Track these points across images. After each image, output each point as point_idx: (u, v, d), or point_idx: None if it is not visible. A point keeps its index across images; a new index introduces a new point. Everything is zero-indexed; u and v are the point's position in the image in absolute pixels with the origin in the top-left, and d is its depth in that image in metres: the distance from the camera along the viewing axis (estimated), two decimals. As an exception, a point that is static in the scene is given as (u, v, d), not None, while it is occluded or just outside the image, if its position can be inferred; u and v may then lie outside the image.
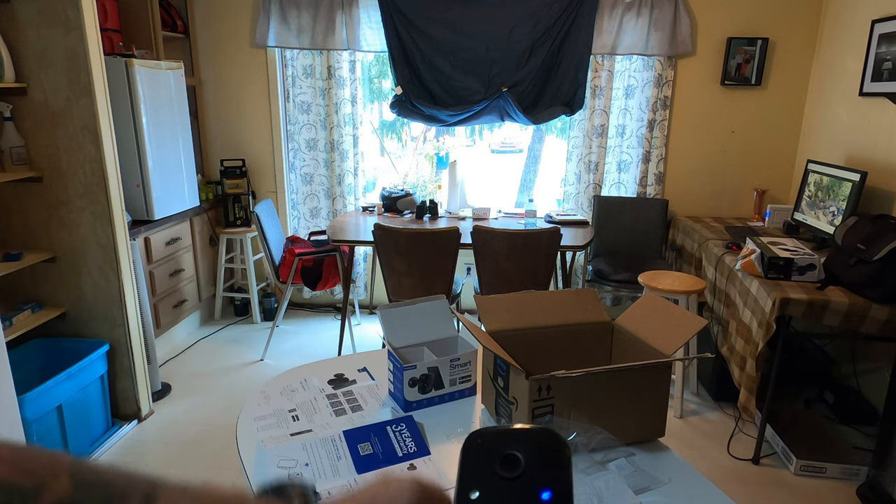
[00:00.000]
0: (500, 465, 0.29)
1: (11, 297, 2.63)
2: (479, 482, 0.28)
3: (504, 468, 0.29)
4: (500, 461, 0.29)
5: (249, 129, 3.99)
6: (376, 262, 4.01)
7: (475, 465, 0.29)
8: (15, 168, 2.44)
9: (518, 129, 5.42)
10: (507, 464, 0.29)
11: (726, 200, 3.87)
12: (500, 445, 0.29)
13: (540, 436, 0.30)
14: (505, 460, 0.29)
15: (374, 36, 3.72)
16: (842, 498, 2.34)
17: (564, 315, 1.42)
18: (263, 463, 1.17)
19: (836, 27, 3.36)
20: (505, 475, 0.28)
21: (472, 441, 0.30)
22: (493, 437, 0.30)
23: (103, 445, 2.58)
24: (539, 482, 0.28)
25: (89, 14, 2.36)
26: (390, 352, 1.40)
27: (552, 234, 2.89)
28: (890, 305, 2.22)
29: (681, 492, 1.10)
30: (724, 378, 2.95)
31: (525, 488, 0.28)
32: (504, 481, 0.28)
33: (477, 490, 0.28)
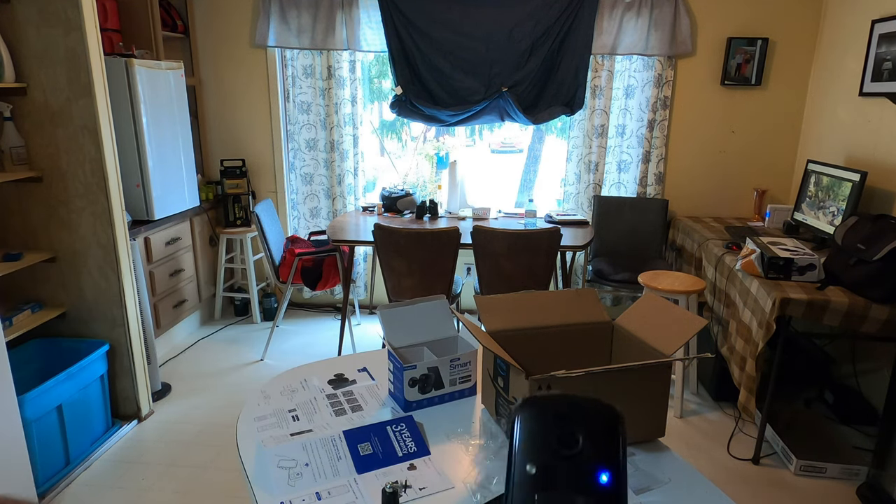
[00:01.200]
0: (557, 440, 0.26)
1: (11, 297, 2.63)
2: (537, 455, 0.26)
3: (563, 444, 0.26)
4: (558, 437, 0.25)
5: (249, 129, 3.99)
6: (376, 262, 4.02)
7: (533, 435, 0.27)
8: (15, 168, 2.44)
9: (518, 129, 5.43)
10: (566, 440, 0.26)
11: (726, 200, 3.87)
12: (557, 417, 0.26)
13: (597, 409, 0.26)
14: (564, 434, 0.26)
15: (374, 36, 3.72)
16: (842, 498, 2.34)
17: (564, 315, 1.42)
18: (263, 463, 1.17)
19: (836, 27, 3.36)
20: (564, 452, 0.26)
21: (528, 405, 0.27)
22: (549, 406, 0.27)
23: (103, 445, 2.58)
24: (597, 463, 0.26)
25: (89, 14, 2.36)
26: (390, 352, 1.40)
27: (552, 234, 2.89)
28: (890, 305, 2.22)
29: (681, 492, 1.10)
30: (724, 378, 2.95)
31: (583, 467, 0.26)
32: (561, 458, 0.26)
33: (534, 465, 0.25)
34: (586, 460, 0.26)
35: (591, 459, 0.26)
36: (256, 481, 1.12)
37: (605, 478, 0.26)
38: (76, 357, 2.46)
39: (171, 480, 2.38)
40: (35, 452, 2.22)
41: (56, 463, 2.35)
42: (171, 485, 2.36)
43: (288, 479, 1.13)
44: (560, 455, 0.26)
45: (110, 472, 2.43)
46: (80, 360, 2.42)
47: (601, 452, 0.26)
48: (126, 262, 2.62)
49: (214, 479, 2.40)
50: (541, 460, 0.26)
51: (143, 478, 2.40)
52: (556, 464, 0.26)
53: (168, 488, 2.33)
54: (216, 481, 2.38)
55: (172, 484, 2.36)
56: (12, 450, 1.98)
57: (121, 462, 2.50)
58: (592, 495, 0.25)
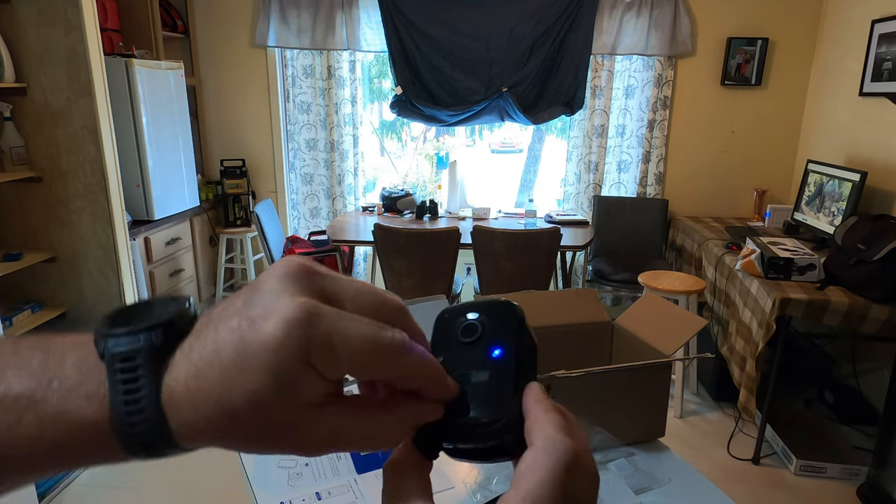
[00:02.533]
0: (461, 333, 0.33)
1: (11, 297, 2.63)
2: (444, 350, 0.32)
3: (464, 335, 0.33)
4: (462, 330, 0.33)
5: (249, 129, 3.99)
6: (376, 262, 4.01)
7: (442, 336, 0.33)
8: (15, 168, 2.44)
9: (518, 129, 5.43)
10: (467, 332, 0.33)
11: (726, 200, 3.87)
12: (462, 317, 0.33)
13: (495, 305, 0.33)
14: (465, 329, 0.33)
15: (374, 36, 3.72)
16: (842, 498, 2.34)
17: (564, 315, 1.42)
18: (263, 463, 1.17)
19: (836, 27, 3.36)
20: (465, 340, 0.32)
21: (440, 317, 0.34)
22: (457, 310, 0.34)
23: (103, 445, 2.57)
24: (491, 342, 0.32)
25: (89, 14, 2.36)
26: (390, 352, 1.40)
27: (552, 234, 2.89)
28: (890, 305, 2.22)
29: (681, 492, 1.10)
30: (724, 378, 2.95)
31: (479, 349, 0.32)
32: (464, 346, 0.32)
33: (442, 356, 0.32)
34: (483, 343, 0.31)
35: (487, 341, 0.31)
36: (256, 481, 1.12)
37: (497, 352, 0.31)
38: (76, 357, 2.45)
39: (170, 480, 2.38)
40: (35, 452, 2.22)
41: (56, 463, 2.35)
42: (170, 485, 2.36)
43: (288, 479, 1.13)
44: (462, 343, 0.32)
45: (110, 472, 2.43)
46: (80, 360, 2.42)
47: (496, 335, 0.31)
48: (126, 262, 2.62)
49: (214, 479, 2.40)
50: (447, 350, 0.32)
51: (143, 478, 2.40)
52: (459, 351, 0.31)
53: (168, 488, 2.33)
54: (216, 481, 2.38)
55: (172, 484, 2.36)
56: (12, 450, 1.98)
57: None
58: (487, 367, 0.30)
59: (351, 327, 0.27)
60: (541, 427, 0.29)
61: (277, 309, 0.26)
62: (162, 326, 0.26)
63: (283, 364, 0.25)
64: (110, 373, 0.26)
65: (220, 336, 0.26)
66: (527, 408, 0.30)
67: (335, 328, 0.26)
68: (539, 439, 0.28)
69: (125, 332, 0.26)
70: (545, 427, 0.28)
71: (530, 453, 0.28)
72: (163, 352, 0.26)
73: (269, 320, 0.25)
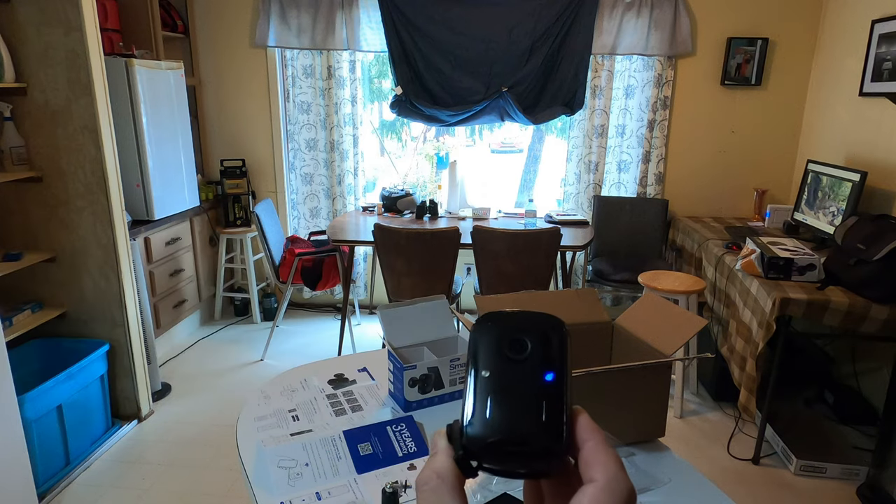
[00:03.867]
0: (508, 348, 0.31)
1: (11, 297, 2.63)
2: (489, 363, 0.31)
3: (512, 351, 0.31)
4: (509, 344, 0.31)
5: (249, 129, 3.99)
6: (376, 262, 4.01)
7: (486, 346, 0.32)
8: (15, 168, 2.44)
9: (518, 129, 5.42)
10: (514, 347, 0.31)
11: (726, 200, 3.87)
12: (508, 328, 0.32)
13: (544, 322, 0.32)
14: (513, 344, 0.31)
15: (374, 36, 3.72)
16: (842, 498, 2.34)
17: (564, 315, 1.42)
18: (263, 463, 1.17)
19: (836, 27, 3.36)
20: (513, 356, 0.31)
21: (482, 323, 0.32)
22: (501, 319, 0.32)
23: (103, 445, 2.58)
24: (542, 364, 0.31)
25: (89, 14, 2.36)
26: (390, 352, 1.40)
27: (552, 234, 2.89)
28: (890, 305, 2.22)
29: (681, 492, 1.10)
30: (724, 378, 2.95)
31: (530, 370, 0.31)
32: (512, 362, 0.31)
33: (487, 369, 0.31)
34: (533, 363, 0.30)
35: (538, 362, 0.30)
36: (256, 481, 1.12)
37: (549, 377, 0.30)
38: (76, 357, 2.45)
39: (171, 480, 2.38)
40: (35, 452, 2.22)
41: (56, 463, 2.35)
42: (171, 485, 2.36)
43: (288, 479, 1.13)
44: (511, 360, 0.30)
45: (110, 472, 2.43)
46: (80, 361, 2.42)
47: (547, 356, 0.30)
48: (126, 262, 2.62)
49: (214, 479, 2.40)
50: (494, 366, 0.30)
51: (143, 478, 2.40)
52: (507, 367, 0.30)
53: (168, 488, 2.33)
54: (216, 481, 2.38)
55: (172, 484, 2.36)
56: (12, 450, 1.98)
57: (121, 462, 2.50)
58: (539, 391, 0.29)
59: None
60: (602, 462, 0.29)
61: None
62: None
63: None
64: None
65: None
66: (581, 437, 0.30)
67: None
68: (601, 475, 0.29)
69: None
70: (607, 463, 0.29)
71: (593, 489, 0.28)
72: None
73: None
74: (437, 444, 0.32)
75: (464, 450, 0.30)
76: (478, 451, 0.30)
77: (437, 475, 0.30)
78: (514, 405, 0.29)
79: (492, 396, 0.30)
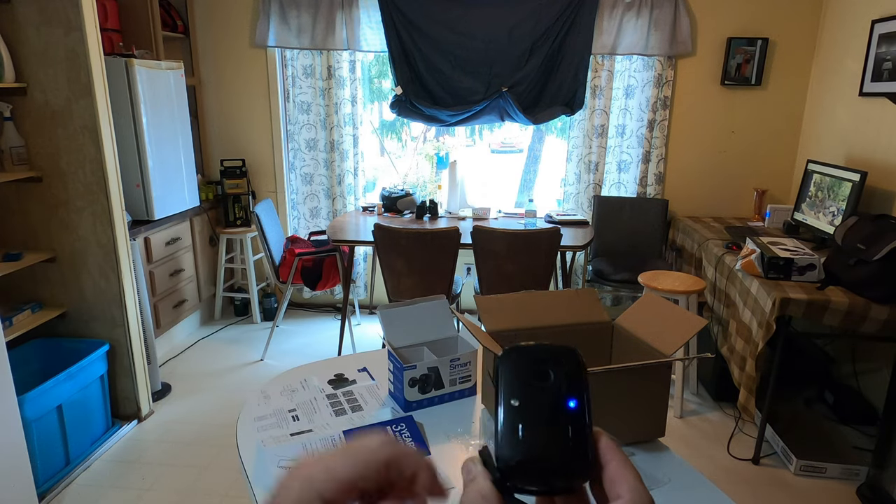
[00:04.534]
0: (533, 377, 0.34)
1: (11, 297, 2.63)
2: (517, 392, 0.34)
3: (537, 379, 0.34)
4: (533, 374, 0.34)
5: (249, 129, 3.99)
6: (376, 262, 4.01)
7: (512, 376, 0.34)
8: (15, 168, 2.44)
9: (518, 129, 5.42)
10: (539, 376, 0.34)
11: (726, 200, 3.87)
12: (530, 359, 0.35)
13: (563, 352, 0.35)
14: (538, 374, 0.34)
15: (374, 36, 3.72)
16: (842, 498, 2.34)
17: (564, 315, 1.42)
18: (263, 463, 1.17)
19: (836, 27, 3.36)
20: (537, 385, 0.34)
21: (507, 355, 0.35)
22: (523, 351, 0.36)
23: (103, 445, 2.58)
24: (566, 392, 0.34)
25: (89, 14, 2.36)
26: (390, 352, 1.40)
27: (552, 234, 2.89)
28: (890, 305, 2.22)
29: (681, 492, 1.10)
30: (724, 378, 2.95)
31: (554, 396, 0.34)
32: (537, 390, 0.34)
33: (516, 398, 0.34)
34: (557, 391, 0.34)
35: (561, 390, 0.34)
36: (256, 481, 1.12)
37: (572, 404, 0.34)
38: (76, 357, 2.45)
39: (171, 480, 2.38)
40: (35, 452, 2.22)
41: (56, 463, 2.35)
42: (171, 485, 2.36)
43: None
44: (537, 388, 0.34)
45: (110, 472, 2.43)
46: (80, 360, 2.42)
47: (569, 384, 0.34)
48: (126, 262, 2.62)
49: (214, 479, 2.40)
50: (522, 394, 0.34)
51: (143, 478, 2.40)
52: (533, 395, 0.34)
53: (168, 488, 2.33)
54: (216, 481, 2.38)
55: (172, 484, 2.36)
56: (12, 450, 1.98)
57: (121, 462, 2.50)
58: (565, 418, 0.33)
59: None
60: (626, 480, 0.32)
61: None
62: None
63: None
64: None
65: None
66: (605, 457, 0.33)
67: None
68: (626, 492, 0.32)
69: None
70: (630, 480, 0.32)
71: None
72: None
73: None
74: (472, 470, 0.35)
75: (500, 472, 0.33)
76: (513, 473, 0.33)
77: (481, 496, 0.33)
78: (544, 430, 0.32)
79: (522, 423, 0.33)
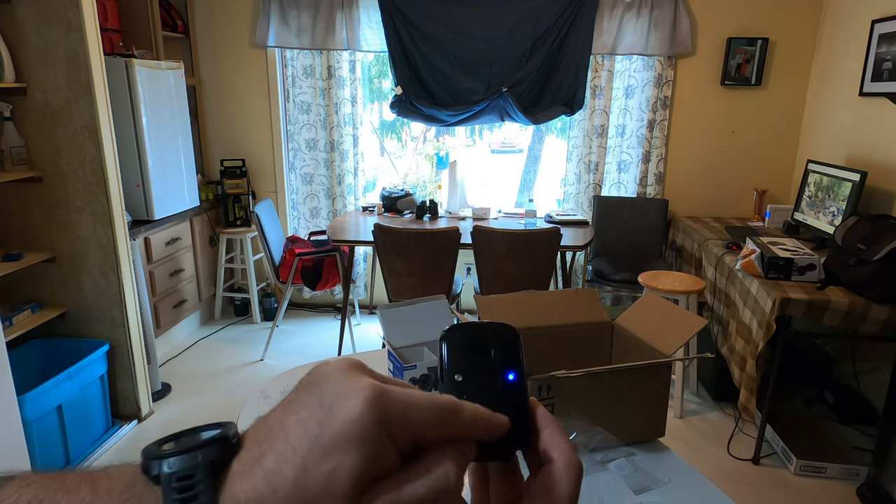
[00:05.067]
0: (474, 354, 0.36)
1: (11, 297, 2.63)
2: (462, 369, 0.36)
3: (478, 356, 0.36)
4: (475, 351, 0.36)
5: (249, 129, 3.99)
6: (376, 262, 4.01)
7: (456, 354, 0.36)
8: (15, 168, 2.44)
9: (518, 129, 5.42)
10: (480, 353, 0.36)
11: (726, 200, 3.87)
12: (471, 337, 0.37)
13: (501, 329, 0.38)
14: (478, 350, 0.36)
15: (374, 36, 3.72)
16: (842, 498, 2.34)
17: (564, 315, 1.42)
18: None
19: (836, 27, 3.36)
20: (479, 361, 0.36)
21: (450, 334, 0.37)
22: (465, 329, 0.38)
23: (103, 445, 2.58)
24: (504, 366, 0.36)
25: (89, 14, 2.36)
26: (390, 352, 1.40)
27: (552, 234, 2.89)
28: (890, 305, 2.22)
29: (681, 492, 1.10)
30: (724, 378, 2.95)
31: (495, 371, 0.36)
32: (479, 367, 0.36)
33: (461, 374, 0.35)
34: (497, 366, 0.36)
35: (501, 364, 0.36)
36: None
37: (511, 377, 0.36)
38: (76, 357, 2.45)
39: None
40: (35, 452, 2.22)
41: (56, 463, 2.35)
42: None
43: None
44: (478, 363, 0.36)
45: (110, 472, 2.43)
46: (80, 360, 2.42)
47: (507, 358, 0.36)
48: (126, 262, 2.62)
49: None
50: (465, 370, 0.36)
51: (143, 478, 2.40)
52: (476, 371, 0.36)
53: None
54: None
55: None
56: (12, 450, 1.98)
57: (121, 462, 2.49)
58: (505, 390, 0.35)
59: (415, 396, 0.30)
60: (557, 444, 0.34)
61: (352, 390, 0.28)
62: (217, 442, 0.28)
63: (368, 435, 0.27)
64: (167, 493, 0.26)
65: (290, 432, 0.27)
66: (540, 424, 0.35)
67: (404, 399, 0.29)
68: (559, 455, 0.34)
69: (180, 451, 0.27)
70: (561, 444, 0.34)
71: (555, 468, 0.33)
72: (219, 466, 0.27)
73: (348, 400, 0.27)
74: None
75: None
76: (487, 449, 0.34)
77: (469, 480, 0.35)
78: (486, 402, 0.34)
79: (466, 395, 0.34)
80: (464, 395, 0.34)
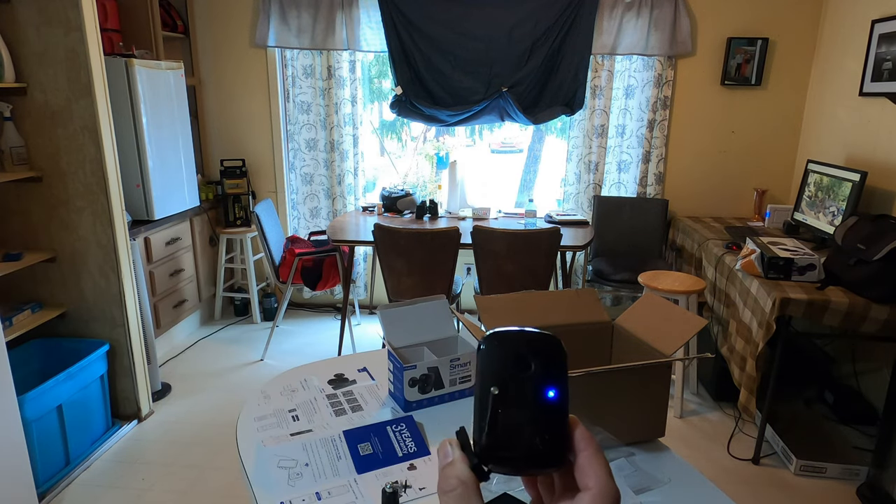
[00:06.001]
0: (514, 365, 0.34)
1: (11, 297, 2.63)
2: (497, 379, 0.34)
3: (517, 368, 0.34)
4: (514, 362, 0.34)
5: (249, 129, 3.99)
6: (376, 262, 4.01)
7: (492, 363, 0.34)
8: (15, 168, 2.44)
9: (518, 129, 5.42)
10: (519, 365, 0.34)
11: (726, 200, 3.87)
12: (512, 347, 0.34)
13: (545, 340, 0.35)
14: (518, 362, 0.34)
15: (374, 36, 3.72)
16: (842, 498, 2.34)
17: (564, 315, 1.42)
18: (263, 463, 1.17)
19: (836, 27, 3.36)
20: (517, 374, 0.34)
21: (488, 341, 0.35)
22: (505, 338, 0.35)
23: (103, 445, 2.58)
24: (545, 382, 0.34)
25: (89, 14, 2.36)
26: (390, 352, 1.40)
27: (552, 234, 2.89)
28: (890, 305, 2.22)
29: (681, 492, 1.10)
30: (724, 378, 2.95)
31: (534, 386, 0.33)
32: (517, 380, 0.34)
33: (496, 385, 0.33)
34: (537, 380, 0.33)
35: (541, 379, 0.33)
36: (256, 481, 1.12)
37: (552, 393, 0.33)
38: (76, 357, 2.45)
39: (170, 480, 2.38)
40: (35, 452, 2.22)
41: (56, 463, 2.35)
42: (170, 485, 2.36)
43: (288, 479, 1.13)
44: (517, 377, 0.33)
45: (110, 472, 2.43)
46: (80, 360, 2.42)
47: (549, 374, 0.34)
48: (126, 262, 2.62)
49: (214, 479, 2.40)
50: (502, 382, 0.33)
51: (143, 478, 2.40)
52: (513, 384, 0.33)
53: (168, 488, 2.33)
54: (216, 481, 2.38)
55: (172, 484, 2.36)
56: (12, 450, 1.98)
57: (121, 462, 2.50)
58: (543, 407, 0.33)
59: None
60: (595, 471, 0.33)
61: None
62: None
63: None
64: None
65: None
66: (578, 446, 0.34)
67: None
68: (594, 483, 0.33)
69: None
70: (599, 472, 0.33)
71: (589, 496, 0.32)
72: None
73: None
74: (449, 453, 0.35)
75: (478, 458, 0.34)
76: (490, 459, 0.33)
77: (460, 482, 0.34)
78: (522, 419, 0.32)
79: (502, 410, 0.33)
80: (498, 409, 0.32)
